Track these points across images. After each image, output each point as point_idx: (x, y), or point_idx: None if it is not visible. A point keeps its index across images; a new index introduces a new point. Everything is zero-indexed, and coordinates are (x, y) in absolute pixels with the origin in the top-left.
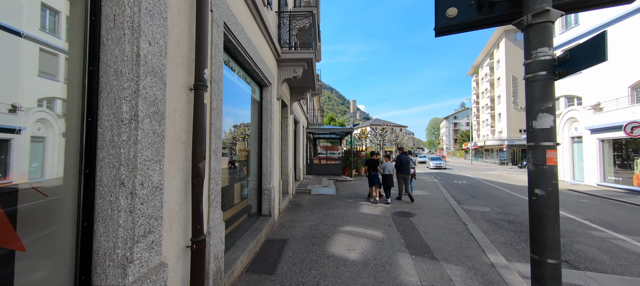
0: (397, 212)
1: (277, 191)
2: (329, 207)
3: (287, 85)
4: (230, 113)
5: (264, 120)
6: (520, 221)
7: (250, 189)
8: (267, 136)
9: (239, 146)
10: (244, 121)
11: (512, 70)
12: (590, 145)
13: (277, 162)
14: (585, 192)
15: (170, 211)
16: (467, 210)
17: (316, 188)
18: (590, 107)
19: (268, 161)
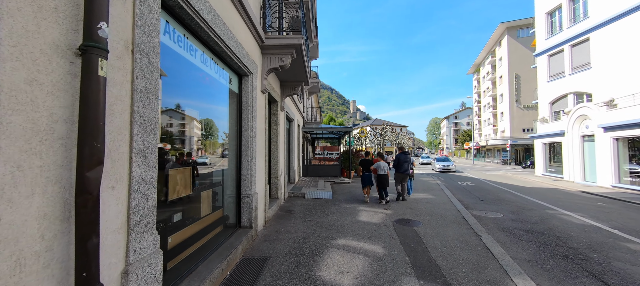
0: (399, 220)
1: (262, 198)
2: (323, 214)
3: (276, 79)
4: (195, 106)
5: (244, 115)
6: (539, 230)
7: (228, 197)
8: (247, 134)
9: (212, 146)
10: (218, 116)
11: (514, 68)
12: (604, 144)
13: (262, 164)
14: (600, 194)
15: (18, 257)
16: (478, 216)
17: (311, 191)
18: (603, 103)
19: (249, 163)
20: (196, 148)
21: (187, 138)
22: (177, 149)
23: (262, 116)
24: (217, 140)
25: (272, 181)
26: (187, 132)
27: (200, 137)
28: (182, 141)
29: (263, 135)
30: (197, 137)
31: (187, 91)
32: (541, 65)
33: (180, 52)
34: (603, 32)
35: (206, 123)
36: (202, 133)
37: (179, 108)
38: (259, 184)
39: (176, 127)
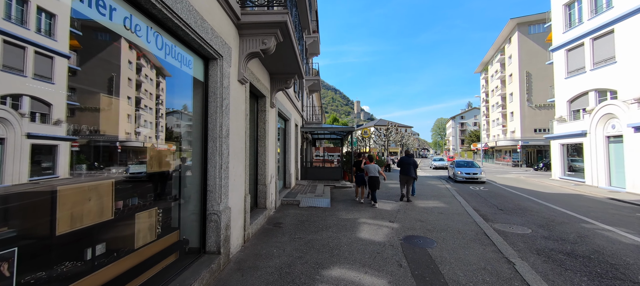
0: (408, 237)
1: (239, 212)
2: (318, 228)
3: (264, 70)
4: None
5: (211, 110)
6: (584, 254)
7: (188, 214)
8: (216, 133)
9: (164, 151)
10: (175, 110)
11: (525, 66)
12: (635, 145)
13: (240, 171)
14: (634, 203)
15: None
16: (501, 232)
17: (307, 198)
18: (633, 100)
19: (217, 170)
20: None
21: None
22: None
23: (240, 111)
24: (172, 141)
25: (258, 189)
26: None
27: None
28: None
29: (243, 135)
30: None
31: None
32: (558, 61)
33: (109, 26)
34: (630, 22)
35: None
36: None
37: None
38: (234, 196)
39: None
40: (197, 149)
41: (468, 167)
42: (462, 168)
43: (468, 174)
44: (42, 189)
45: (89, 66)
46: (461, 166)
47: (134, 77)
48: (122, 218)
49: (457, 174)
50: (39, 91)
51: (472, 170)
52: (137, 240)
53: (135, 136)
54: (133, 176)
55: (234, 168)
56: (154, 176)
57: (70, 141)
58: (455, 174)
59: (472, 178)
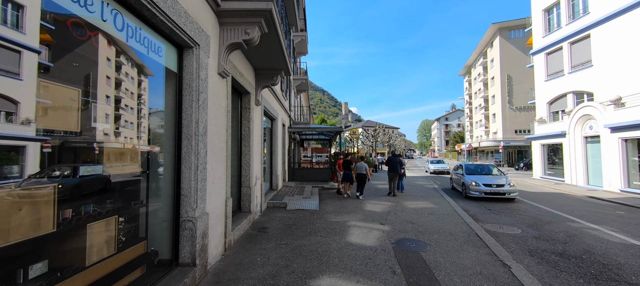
0: (400, 241)
1: (219, 218)
2: (306, 232)
3: (248, 65)
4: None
5: (186, 104)
6: (576, 254)
7: (158, 222)
8: (191, 131)
9: (128, 150)
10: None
11: (506, 69)
12: (611, 145)
13: (220, 172)
14: (612, 200)
15: None
16: (492, 232)
17: (294, 201)
18: (609, 102)
19: (193, 172)
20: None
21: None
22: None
23: (220, 107)
24: (140, 140)
25: (242, 192)
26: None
27: (103, 135)
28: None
29: (224, 133)
30: (99, 137)
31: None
32: (538, 64)
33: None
34: (605, 28)
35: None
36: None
37: None
38: (213, 200)
39: None
40: (170, 148)
41: (486, 175)
42: (477, 176)
43: (489, 187)
44: None
45: (63, 62)
46: (474, 173)
47: (113, 75)
48: (69, 230)
49: (470, 187)
50: (4, 87)
51: (495, 180)
52: (89, 255)
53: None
54: (86, 178)
55: (213, 170)
56: (116, 180)
57: (40, 141)
58: (466, 186)
59: (496, 194)
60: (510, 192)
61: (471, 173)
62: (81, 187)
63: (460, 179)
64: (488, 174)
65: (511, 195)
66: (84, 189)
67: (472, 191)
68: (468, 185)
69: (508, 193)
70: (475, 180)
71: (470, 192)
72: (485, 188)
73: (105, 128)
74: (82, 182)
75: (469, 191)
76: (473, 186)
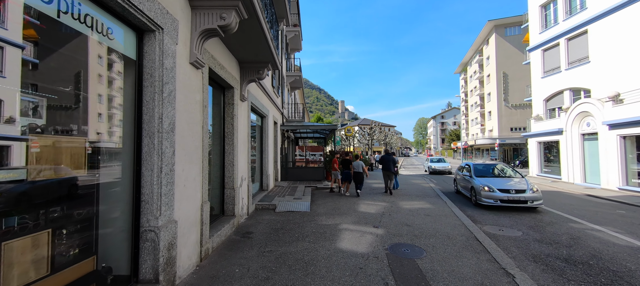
0: (394, 246)
1: (192, 226)
2: (293, 238)
3: (231, 57)
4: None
5: (147, 96)
6: (582, 259)
7: (118, 232)
8: (153, 127)
9: (66, 148)
10: None
11: (502, 66)
12: (609, 143)
13: (193, 174)
14: (610, 199)
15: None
16: (492, 235)
17: (285, 202)
18: (608, 98)
19: (156, 175)
20: None
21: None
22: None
23: (194, 102)
24: (91, 138)
25: (226, 194)
26: None
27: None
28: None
29: (198, 131)
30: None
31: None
32: (535, 60)
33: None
34: (603, 23)
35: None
36: (40, 126)
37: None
38: (185, 205)
39: None
40: (128, 147)
41: (501, 178)
42: (489, 179)
43: (506, 193)
44: None
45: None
46: (485, 174)
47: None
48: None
49: (482, 192)
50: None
51: (513, 184)
52: (7, 281)
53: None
54: (39, 184)
55: (183, 171)
56: (51, 186)
57: (25, 141)
58: (476, 191)
59: (516, 201)
60: (533, 200)
61: (482, 175)
62: (31, 195)
63: (468, 182)
64: (503, 177)
65: (535, 204)
66: (38, 198)
67: (485, 198)
68: (479, 190)
69: (531, 201)
70: (488, 184)
71: (482, 199)
72: (501, 195)
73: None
74: (34, 189)
75: (480, 197)
76: (485, 191)
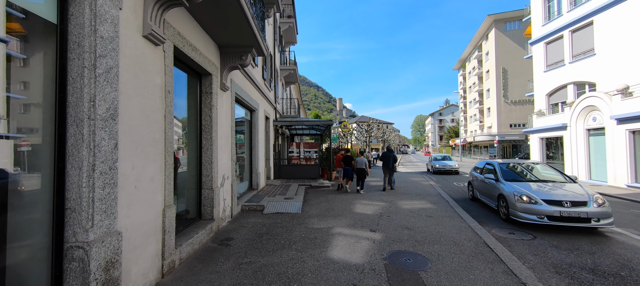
0: (394, 255)
1: (150, 235)
2: (278, 245)
3: (209, 40)
4: None
5: (74, 72)
6: (611, 270)
7: (36, 250)
8: (82, 112)
9: None
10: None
11: (502, 62)
12: (617, 138)
13: (150, 172)
14: (620, 197)
15: None
16: (502, 239)
17: (274, 202)
18: (616, 91)
19: (85, 174)
20: None
21: None
22: None
23: (151, 84)
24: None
25: (203, 195)
26: None
27: None
28: None
29: (159, 120)
30: None
31: None
32: (537, 54)
33: None
34: (610, 14)
35: None
36: None
37: None
38: (136, 211)
39: None
40: (48, 138)
41: (544, 183)
42: (526, 185)
43: (556, 206)
44: None
45: None
46: (519, 178)
47: None
48: None
49: (517, 204)
50: None
51: (567, 194)
52: None
53: None
54: None
55: (133, 170)
56: None
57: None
58: (508, 201)
59: (574, 219)
60: (599, 217)
61: (514, 178)
62: None
63: (492, 188)
64: (546, 181)
65: (603, 224)
66: None
67: (524, 213)
68: (513, 201)
69: (596, 218)
70: (527, 192)
71: (518, 213)
72: (548, 208)
73: None
74: None
75: (515, 211)
76: (524, 203)
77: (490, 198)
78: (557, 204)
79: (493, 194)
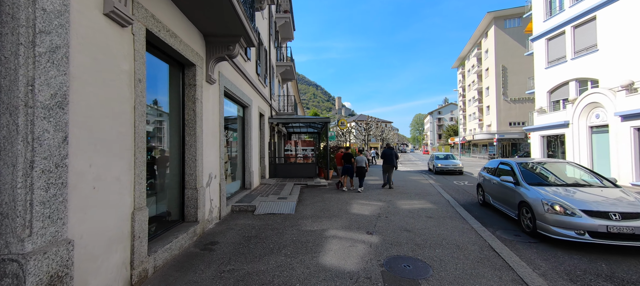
0: (392, 260)
1: (115, 243)
2: (266, 250)
3: (192, 27)
4: None
5: (7, 49)
6: (631, 278)
7: None
8: (16, 98)
9: None
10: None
11: (501, 59)
12: (622, 135)
13: (116, 173)
14: None
15: None
16: (508, 242)
17: (267, 203)
18: (620, 87)
19: (20, 173)
20: None
21: None
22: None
23: (117, 71)
24: None
25: (187, 195)
26: None
27: None
28: None
29: (126, 111)
30: None
31: None
32: (538, 50)
33: None
34: (613, 8)
35: None
36: None
37: None
38: (96, 217)
39: None
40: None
41: (582, 187)
42: (556, 191)
43: (603, 219)
44: None
45: None
46: (544, 181)
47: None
48: None
49: (548, 215)
50: None
51: (615, 202)
52: None
53: None
54: None
55: (91, 167)
56: None
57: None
58: (534, 211)
59: (627, 236)
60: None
61: (538, 182)
62: None
63: (510, 192)
64: (579, 186)
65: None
66: None
67: (557, 228)
68: (540, 211)
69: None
70: (561, 201)
71: (550, 227)
72: (590, 221)
73: None
74: None
75: (545, 223)
76: (557, 214)
77: (508, 205)
78: (602, 217)
79: (512, 201)
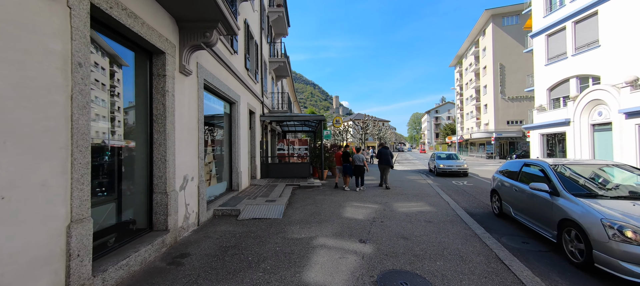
0: (387, 276)
1: (33, 270)
2: (243, 264)
3: (161, 9)
4: None
5: None
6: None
7: None
8: None
9: None
10: None
11: (499, 58)
12: (626, 133)
13: (40, 178)
14: None
15: None
16: (516, 251)
17: (253, 206)
18: (625, 84)
19: None
20: None
21: None
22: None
23: (43, 50)
24: None
25: (155, 201)
26: None
27: None
28: None
29: (58, 101)
30: None
31: None
32: (538, 47)
33: None
34: (615, 3)
35: None
36: None
37: None
38: (7, 233)
39: None
40: None
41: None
42: (616, 205)
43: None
44: None
45: None
46: (594, 191)
47: None
48: None
49: (614, 244)
50: None
51: None
52: None
53: None
54: None
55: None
56: None
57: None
58: (590, 236)
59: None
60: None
61: (585, 194)
62: None
63: (544, 205)
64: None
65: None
66: None
67: (633, 265)
68: (600, 237)
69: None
70: (634, 224)
71: (620, 264)
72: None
73: None
74: None
75: (610, 256)
76: (630, 243)
77: (541, 222)
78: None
79: (547, 216)
